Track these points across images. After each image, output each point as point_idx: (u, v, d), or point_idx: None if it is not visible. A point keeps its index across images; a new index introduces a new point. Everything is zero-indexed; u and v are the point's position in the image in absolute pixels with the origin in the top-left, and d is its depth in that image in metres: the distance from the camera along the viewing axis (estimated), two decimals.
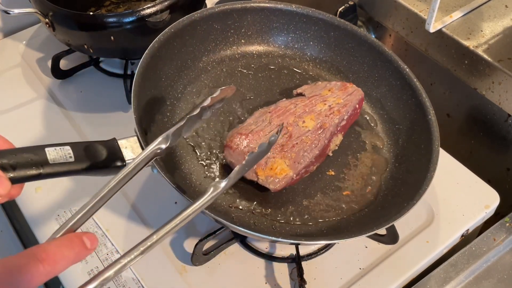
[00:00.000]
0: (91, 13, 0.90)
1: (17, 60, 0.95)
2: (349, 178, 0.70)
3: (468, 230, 0.73)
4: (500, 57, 0.80)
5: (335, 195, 0.68)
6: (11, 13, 0.80)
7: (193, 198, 0.51)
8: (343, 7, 0.91)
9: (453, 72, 0.86)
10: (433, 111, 0.71)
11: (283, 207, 0.66)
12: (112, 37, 0.79)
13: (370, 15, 0.97)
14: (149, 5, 0.78)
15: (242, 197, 0.66)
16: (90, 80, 0.91)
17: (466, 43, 0.83)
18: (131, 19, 0.77)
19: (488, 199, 0.75)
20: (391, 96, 0.77)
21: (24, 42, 0.98)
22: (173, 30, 0.73)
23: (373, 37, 0.80)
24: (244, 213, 0.65)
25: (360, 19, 0.97)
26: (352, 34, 0.79)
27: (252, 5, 0.79)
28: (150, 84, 0.69)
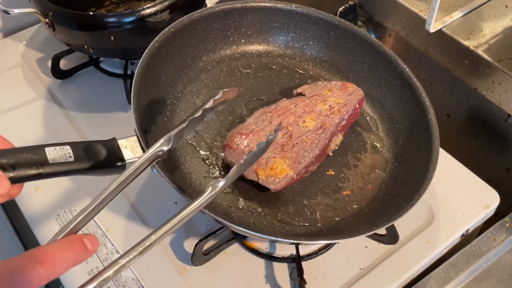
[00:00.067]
0: (91, 13, 0.90)
1: (17, 60, 0.95)
2: (349, 178, 0.70)
3: (468, 230, 0.73)
4: (500, 57, 0.80)
5: (335, 195, 0.68)
6: (11, 13, 0.80)
7: (193, 198, 0.51)
8: (343, 7, 0.91)
9: (453, 72, 0.86)
10: (433, 111, 0.71)
11: (283, 207, 0.66)
12: (112, 37, 0.79)
13: (370, 15, 0.97)
14: (149, 5, 0.78)
15: (242, 197, 0.66)
16: (90, 80, 0.91)
17: (466, 43, 0.83)
18: (131, 19, 0.77)
19: (488, 199, 0.75)
20: (391, 95, 0.77)
21: (24, 42, 0.98)
22: (173, 29, 0.73)
23: (373, 37, 0.80)
24: (244, 213, 0.65)
25: (360, 19, 0.97)
26: (352, 33, 0.79)
27: (252, 4, 0.79)
28: (150, 83, 0.69)
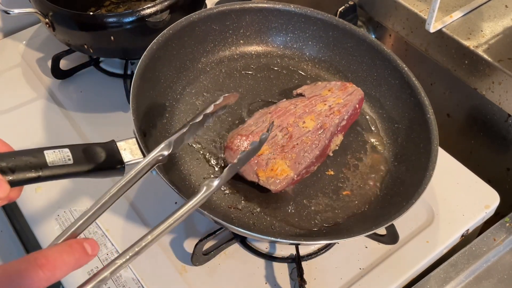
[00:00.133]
0: (91, 13, 0.90)
1: (17, 60, 0.95)
2: (348, 178, 0.70)
3: (468, 230, 0.73)
4: (500, 57, 0.80)
5: (334, 195, 0.68)
6: (11, 13, 0.80)
7: None
8: (343, 7, 0.91)
9: (453, 72, 0.86)
10: (432, 110, 0.71)
11: (283, 207, 0.66)
12: (112, 37, 0.79)
13: (370, 15, 0.97)
14: (149, 5, 0.78)
15: (241, 197, 0.66)
16: (90, 80, 0.91)
17: (466, 43, 0.83)
18: (131, 19, 0.77)
19: (488, 199, 0.75)
20: (390, 95, 0.77)
21: (24, 42, 0.98)
22: (171, 31, 0.72)
23: (372, 36, 0.80)
24: (243, 214, 0.65)
25: (360, 19, 0.97)
26: (350, 33, 0.79)
27: (250, 5, 0.79)
28: (149, 85, 0.69)
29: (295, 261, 0.67)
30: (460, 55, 0.84)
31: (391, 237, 0.66)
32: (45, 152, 0.49)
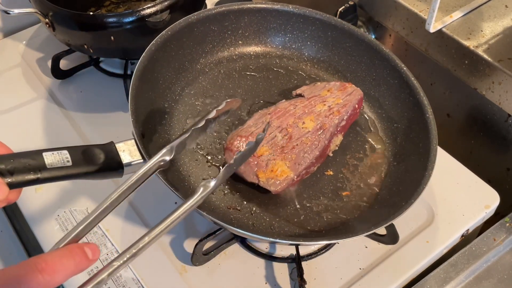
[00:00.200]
0: (91, 13, 0.90)
1: (17, 60, 0.95)
2: (348, 178, 0.70)
3: (468, 230, 0.73)
4: (500, 57, 0.80)
5: (334, 195, 0.68)
6: (11, 13, 0.80)
7: None
8: (343, 7, 0.91)
9: (453, 72, 0.86)
10: (431, 110, 0.71)
11: (282, 208, 0.66)
12: (112, 37, 0.79)
13: (370, 15, 0.97)
14: (149, 5, 0.78)
15: (241, 198, 0.66)
16: (90, 80, 0.91)
17: (466, 43, 0.83)
18: (131, 19, 0.77)
19: (488, 199, 0.75)
20: (389, 95, 0.77)
21: (24, 42, 0.98)
22: (170, 32, 0.72)
23: (371, 36, 0.80)
24: (243, 214, 0.65)
25: (360, 19, 0.97)
26: (349, 33, 0.79)
27: (249, 6, 0.79)
28: (147, 86, 0.69)
29: (295, 261, 0.67)
30: (460, 55, 0.84)
31: (391, 237, 0.66)
32: (44, 154, 0.49)
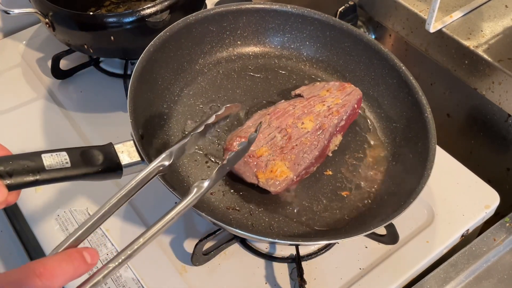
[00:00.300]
0: (91, 13, 0.90)
1: (17, 60, 0.95)
2: (347, 177, 0.70)
3: (468, 230, 0.73)
4: (500, 57, 0.80)
5: (333, 195, 0.68)
6: (11, 13, 0.80)
7: None
8: (343, 7, 0.91)
9: (453, 72, 0.86)
10: (430, 109, 0.71)
11: (281, 208, 0.66)
12: (112, 37, 0.79)
13: (370, 15, 0.97)
14: (149, 5, 0.78)
15: (240, 198, 0.66)
16: (90, 80, 0.91)
17: (466, 43, 0.83)
18: (131, 19, 0.77)
19: (488, 199, 0.74)
20: (388, 94, 0.77)
21: (24, 42, 0.98)
22: (168, 33, 0.72)
23: (369, 36, 0.80)
24: (242, 215, 0.65)
25: (360, 19, 0.97)
26: (347, 33, 0.79)
27: (247, 6, 0.79)
28: (146, 87, 0.69)
29: (295, 261, 0.67)
30: (460, 55, 0.84)
31: (391, 237, 0.66)
32: (43, 155, 0.49)
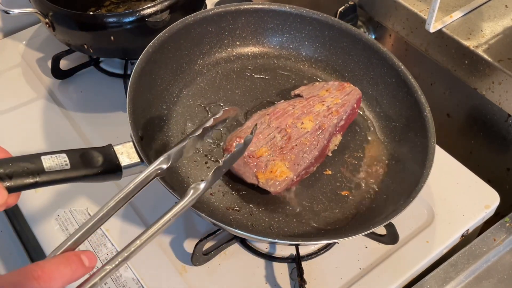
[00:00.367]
0: (91, 13, 0.90)
1: (17, 60, 0.95)
2: (347, 177, 0.70)
3: (468, 230, 0.73)
4: (500, 57, 0.80)
5: (333, 194, 0.68)
6: (11, 13, 0.80)
7: None
8: (343, 7, 0.91)
9: (453, 72, 0.86)
10: (429, 108, 0.71)
11: (281, 208, 0.66)
12: (112, 37, 0.79)
13: (370, 15, 0.97)
14: (149, 5, 0.78)
15: (240, 199, 0.66)
16: (90, 80, 0.91)
17: (466, 43, 0.83)
18: (131, 19, 0.77)
19: (488, 199, 0.74)
20: (387, 93, 0.77)
21: (24, 42, 0.98)
22: (167, 34, 0.72)
23: (368, 35, 0.80)
24: (242, 215, 0.65)
25: (360, 19, 0.97)
26: (346, 32, 0.79)
27: (245, 7, 0.79)
28: (145, 88, 0.69)
29: (295, 261, 0.67)
30: (460, 55, 0.84)
31: (391, 237, 0.66)
32: (42, 157, 0.50)
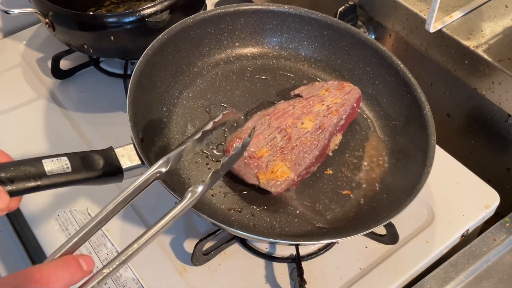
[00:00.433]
0: (91, 13, 0.90)
1: (17, 60, 0.95)
2: (347, 176, 0.70)
3: (468, 230, 0.73)
4: (500, 57, 0.80)
5: (334, 194, 0.68)
6: (11, 13, 0.80)
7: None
8: (343, 7, 0.91)
9: (453, 72, 0.86)
10: (429, 106, 0.71)
11: (283, 208, 0.66)
12: (112, 37, 0.79)
13: (370, 15, 0.97)
14: (149, 5, 0.78)
15: (242, 199, 0.66)
16: (90, 80, 0.91)
17: (466, 43, 0.83)
18: (131, 19, 0.77)
19: (488, 199, 0.74)
20: (387, 92, 0.77)
21: (24, 42, 0.98)
22: (166, 36, 0.73)
23: (367, 34, 0.80)
24: (243, 216, 0.65)
25: (360, 19, 0.97)
26: (345, 32, 0.79)
27: (244, 7, 0.79)
28: (145, 91, 0.69)
29: (295, 261, 0.67)
30: (460, 55, 0.84)
31: (391, 237, 0.66)
32: (44, 161, 0.50)
